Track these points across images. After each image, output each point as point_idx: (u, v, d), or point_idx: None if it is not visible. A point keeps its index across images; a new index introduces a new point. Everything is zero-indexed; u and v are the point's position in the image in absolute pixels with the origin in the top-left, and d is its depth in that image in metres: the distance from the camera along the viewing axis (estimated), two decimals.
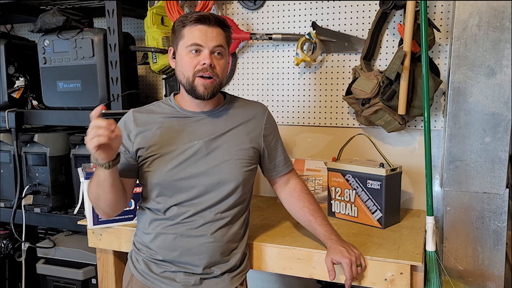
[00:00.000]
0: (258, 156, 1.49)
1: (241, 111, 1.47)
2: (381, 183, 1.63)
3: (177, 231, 1.38)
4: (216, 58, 1.35)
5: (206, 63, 1.32)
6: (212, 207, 1.38)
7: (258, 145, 1.47)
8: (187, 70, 1.34)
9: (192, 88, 1.35)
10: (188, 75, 1.34)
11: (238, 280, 1.44)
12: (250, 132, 1.45)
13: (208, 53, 1.33)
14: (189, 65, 1.34)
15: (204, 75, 1.33)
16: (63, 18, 2.00)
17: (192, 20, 1.33)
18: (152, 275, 1.40)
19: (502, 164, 1.50)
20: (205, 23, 1.33)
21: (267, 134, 1.48)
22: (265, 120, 1.49)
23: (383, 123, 1.79)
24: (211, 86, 1.34)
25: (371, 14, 1.91)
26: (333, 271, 1.37)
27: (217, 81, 1.36)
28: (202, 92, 1.34)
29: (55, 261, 2.20)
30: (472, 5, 1.47)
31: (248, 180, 1.45)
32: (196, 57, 1.33)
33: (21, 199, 2.14)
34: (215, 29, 1.34)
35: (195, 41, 1.32)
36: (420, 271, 1.41)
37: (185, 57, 1.34)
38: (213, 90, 1.35)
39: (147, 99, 2.41)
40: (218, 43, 1.34)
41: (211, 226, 1.38)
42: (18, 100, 2.19)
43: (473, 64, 1.49)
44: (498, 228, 1.53)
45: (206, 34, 1.32)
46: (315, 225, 1.46)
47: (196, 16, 1.33)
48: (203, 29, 1.33)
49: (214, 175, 1.38)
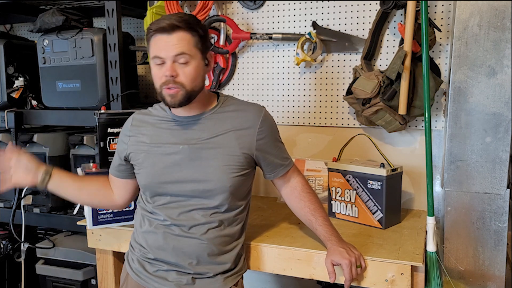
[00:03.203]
0: (252, 161, 1.43)
1: (233, 115, 1.41)
2: (381, 183, 1.63)
3: (168, 230, 1.38)
4: (180, 66, 1.29)
5: (167, 75, 1.29)
6: (200, 210, 1.37)
7: (249, 151, 1.39)
8: (156, 82, 1.33)
9: (162, 98, 1.33)
10: (157, 86, 1.33)
11: (232, 281, 1.41)
12: (242, 137, 1.39)
13: (169, 64, 1.28)
14: (156, 77, 1.32)
15: (170, 87, 1.30)
16: (62, 18, 2.00)
17: (152, 30, 1.28)
18: (146, 274, 1.40)
19: (503, 164, 1.50)
20: (164, 32, 1.27)
21: (261, 138, 1.41)
22: (259, 124, 1.40)
23: (384, 123, 1.79)
24: (178, 95, 1.30)
25: (371, 14, 1.90)
26: (333, 273, 1.36)
27: (184, 90, 1.30)
28: (169, 101, 1.32)
29: (54, 262, 2.20)
30: (472, 5, 1.47)
31: (240, 186, 1.40)
32: (160, 69, 1.30)
33: (21, 199, 2.13)
34: (176, 35, 1.27)
35: (155, 54, 1.29)
36: (420, 271, 1.41)
37: (153, 69, 1.33)
38: (181, 99, 1.31)
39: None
40: (178, 51, 1.27)
41: (202, 227, 1.36)
42: (17, 100, 2.19)
43: (473, 64, 1.49)
44: (499, 228, 1.53)
45: (167, 43, 1.27)
46: (316, 225, 1.45)
47: (155, 27, 1.27)
48: (163, 38, 1.27)
49: (200, 182, 1.35)
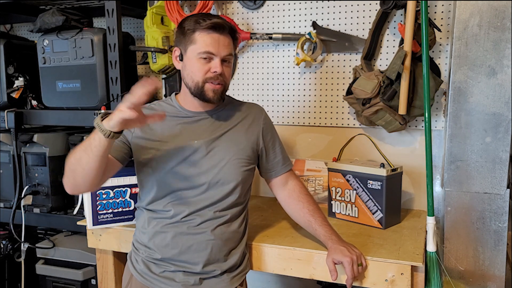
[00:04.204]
0: (257, 156, 1.50)
1: (239, 111, 1.49)
2: (381, 184, 1.63)
3: (177, 229, 1.38)
4: (225, 66, 1.37)
5: (217, 71, 1.34)
6: (211, 206, 1.39)
7: (256, 145, 1.49)
8: (197, 75, 1.36)
9: (201, 92, 1.37)
10: (198, 80, 1.36)
11: (238, 280, 1.44)
12: (249, 132, 1.47)
13: (219, 62, 1.34)
14: (200, 71, 1.35)
15: (213, 82, 1.35)
16: (62, 18, 2.00)
17: (205, 26, 1.32)
18: (152, 275, 1.39)
19: (503, 164, 1.50)
20: (218, 31, 1.33)
21: (265, 134, 1.51)
22: (262, 120, 1.51)
23: (384, 123, 1.79)
24: (220, 91, 1.38)
25: (371, 14, 1.90)
26: (334, 271, 1.37)
27: (225, 86, 1.39)
28: (211, 96, 1.37)
29: (54, 262, 2.19)
30: (472, 5, 1.47)
31: (247, 180, 1.46)
32: (206, 63, 1.35)
33: (21, 199, 2.13)
34: (227, 37, 1.35)
35: (208, 49, 1.33)
36: (420, 271, 1.41)
37: (196, 63, 1.35)
38: (221, 94, 1.39)
39: None
40: (229, 52, 1.36)
41: (211, 223, 1.38)
42: (17, 100, 2.19)
43: (474, 64, 1.49)
44: (499, 228, 1.53)
45: (219, 42, 1.33)
46: (315, 226, 1.45)
47: (210, 23, 1.32)
48: (216, 37, 1.33)
49: (214, 175, 1.39)
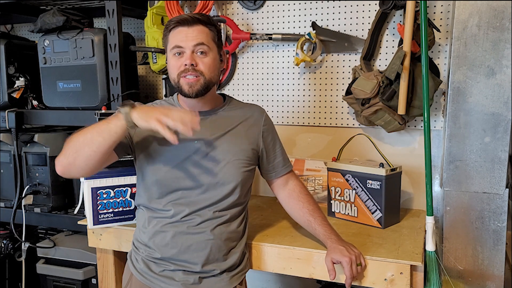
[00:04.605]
0: (257, 157, 1.51)
1: (240, 112, 1.50)
2: (381, 183, 1.63)
3: (177, 228, 1.38)
4: (199, 57, 1.37)
5: (187, 63, 1.35)
6: (211, 206, 1.40)
7: (257, 146, 1.49)
8: (172, 72, 1.39)
9: (179, 88, 1.39)
10: (173, 77, 1.39)
11: (237, 280, 1.44)
12: (249, 133, 1.48)
13: (189, 54, 1.35)
14: (174, 67, 1.38)
15: (186, 75, 1.36)
16: (63, 18, 2.00)
17: (173, 23, 1.37)
18: (152, 274, 1.40)
19: (502, 164, 1.50)
20: (185, 24, 1.35)
21: (265, 135, 1.51)
22: (263, 121, 1.52)
23: (383, 123, 1.79)
24: (197, 84, 1.36)
25: (371, 14, 1.91)
26: (333, 271, 1.37)
27: (203, 79, 1.36)
28: (187, 90, 1.37)
29: (55, 261, 2.20)
30: (472, 5, 1.47)
31: (247, 181, 1.46)
32: (179, 59, 1.37)
33: (21, 199, 2.13)
34: (196, 28, 1.36)
35: (176, 44, 1.36)
36: (420, 271, 1.41)
37: (171, 60, 1.39)
38: (199, 88, 1.37)
39: (147, 99, 2.41)
40: (198, 41, 1.35)
41: (211, 223, 1.39)
42: (18, 100, 2.19)
43: (473, 64, 1.49)
44: (498, 228, 1.53)
45: (187, 35, 1.35)
46: (315, 225, 1.46)
47: (177, 19, 1.37)
48: (183, 30, 1.35)
49: (214, 175, 1.39)
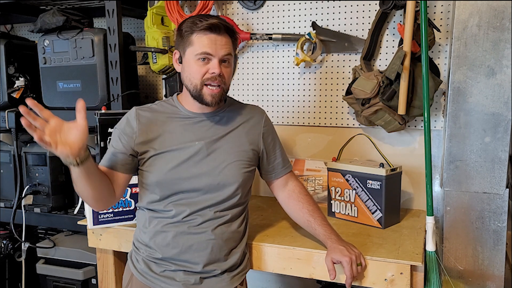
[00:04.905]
0: (257, 158, 1.51)
1: (241, 114, 1.49)
2: (381, 183, 1.63)
3: (177, 228, 1.38)
4: (224, 66, 1.35)
5: (215, 72, 1.33)
6: (212, 206, 1.40)
7: (257, 147, 1.49)
8: (195, 77, 1.35)
9: (199, 95, 1.36)
10: (196, 82, 1.35)
11: (238, 280, 1.44)
12: (250, 134, 1.48)
13: (217, 62, 1.33)
14: (198, 73, 1.34)
15: (212, 84, 1.34)
16: (63, 18, 2.00)
17: (202, 27, 1.32)
18: (152, 274, 1.40)
19: (502, 164, 1.50)
20: (215, 31, 1.32)
21: (266, 136, 1.51)
22: (263, 122, 1.51)
23: (383, 123, 1.79)
24: (218, 95, 1.36)
25: (371, 14, 1.90)
26: (333, 271, 1.37)
27: (224, 88, 1.38)
28: (209, 100, 1.36)
29: (55, 261, 2.20)
30: (472, 5, 1.47)
31: (247, 182, 1.46)
32: (204, 65, 1.33)
33: (21, 199, 2.13)
34: (224, 37, 1.34)
35: (205, 50, 1.32)
36: (420, 271, 1.41)
37: (194, 65, 1.34)
38: (219, 98, 1.37)
39: (147, 99, 2.41)
40: (227, 52, 1.34)
41: (212, 223, 1.39)
42: (18, 100, 2.19)
43: (473, 64, 1.49)
44: (498, 228, 1.53)
45: (216, 42, 1.32)
46: (315, 225, 1.46)
47: (207, 24, 1.31)
48: (213, 37, 1.32)
49: (215, 176, 1.39)
